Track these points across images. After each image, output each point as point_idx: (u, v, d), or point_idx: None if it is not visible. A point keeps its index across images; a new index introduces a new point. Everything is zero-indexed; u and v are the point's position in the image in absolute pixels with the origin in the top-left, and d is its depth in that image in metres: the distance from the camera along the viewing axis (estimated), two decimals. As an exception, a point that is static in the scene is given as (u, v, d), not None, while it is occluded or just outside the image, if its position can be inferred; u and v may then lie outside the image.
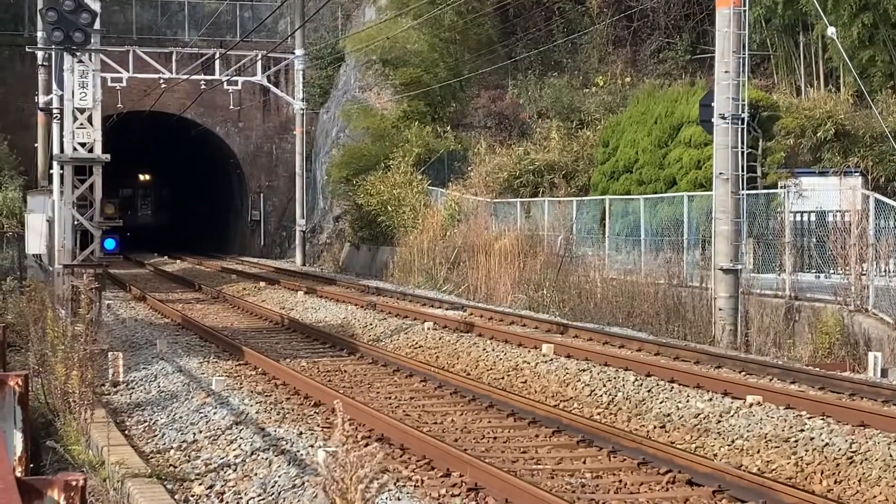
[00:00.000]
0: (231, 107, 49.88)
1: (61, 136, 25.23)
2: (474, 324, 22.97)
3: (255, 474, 11.68)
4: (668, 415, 14.82)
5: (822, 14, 28.75)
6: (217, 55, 44.43)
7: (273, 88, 50.65)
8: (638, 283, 26.13)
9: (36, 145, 46.74)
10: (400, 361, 19.33)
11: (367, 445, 12.52)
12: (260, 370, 18.40)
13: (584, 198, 34.79)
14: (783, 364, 18.50)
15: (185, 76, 43.99)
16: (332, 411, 13.35)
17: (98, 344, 17.53)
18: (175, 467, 12.45)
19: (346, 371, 19.03)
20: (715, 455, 13.06)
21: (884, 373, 18.01)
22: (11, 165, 43.53)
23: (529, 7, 46.67)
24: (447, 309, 26.94)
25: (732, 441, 13.42)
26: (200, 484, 11.64)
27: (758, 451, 12.96)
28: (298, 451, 12.21)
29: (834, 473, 12.05)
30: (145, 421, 14.96)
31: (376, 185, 40.61)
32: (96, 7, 21.43)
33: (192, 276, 42.78)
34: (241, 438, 13.15)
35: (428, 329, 23.13)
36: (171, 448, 13.33)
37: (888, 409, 14.03)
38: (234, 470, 12.02)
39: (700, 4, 42.53)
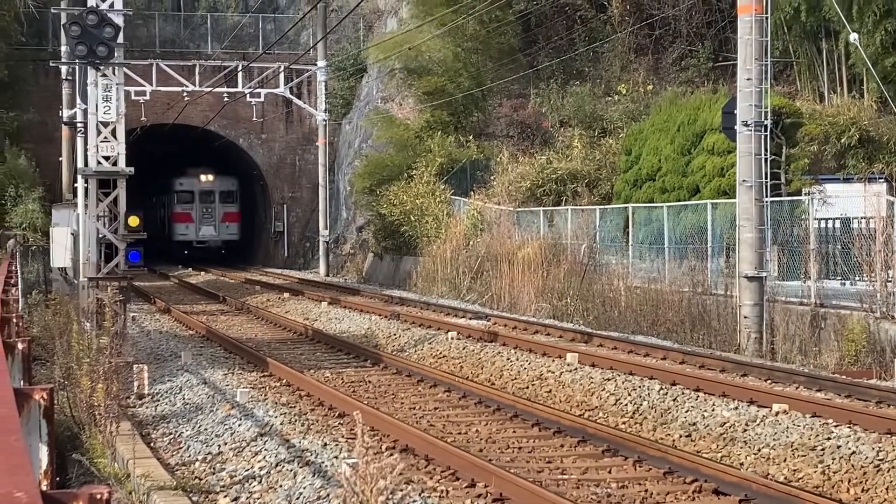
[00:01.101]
0: (254, 118, 49.99)
1: (85, 150, 25.37)
2: (498, 333, 22.95)
3: (280, 486, 11.68)
4: (694, 423, 14.76)
5: (844, 21, 28.66)
6: (240, 67, 44.58)
7: (295, 100, 50.77)
8: (662, 292, 26.06)
9: (60, 159, 46.99)
10: (424, 371, 19.32)
11: (390, 456, 12.54)
12: (284, 381, 18.41)
13: (607, 206, 34.75)
14: (809, 372, 18.40)
15: (209, 89, 44.14)
16: (356, 422, 13.34)
17: (123, 356, 17.59)
18: (200, 479, 12.47)
19: (370, 382, 19.03)
20: (741, 464, 13.00)
21: (911, 380, 17.90)
22: (31, 178, 43.75)
23: (551, 16, 46.67)
24: (471, 318, 26.93)
25: (759, 450, 13.36)
26: (226, 496, 11.65)
27: (784, 460, 12.90)
28: (323, 463, 12.21)
29: (861, 482, 11.98)
30: (170, 433, 14.99)
31: (399, 195, 40.65)
32: (119, 21, 21.52)
33: (216, 287, 42.89)
34: (265, 450, 13.17)
35: (452, 339, 23.12)
36: (197, 460, 13.36)
37: (915, 417, 13.93)
38: (259, 482, 12.03)
39: (722, 12, 42.45)
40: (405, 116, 46.91)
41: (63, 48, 37.62)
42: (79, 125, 32.44)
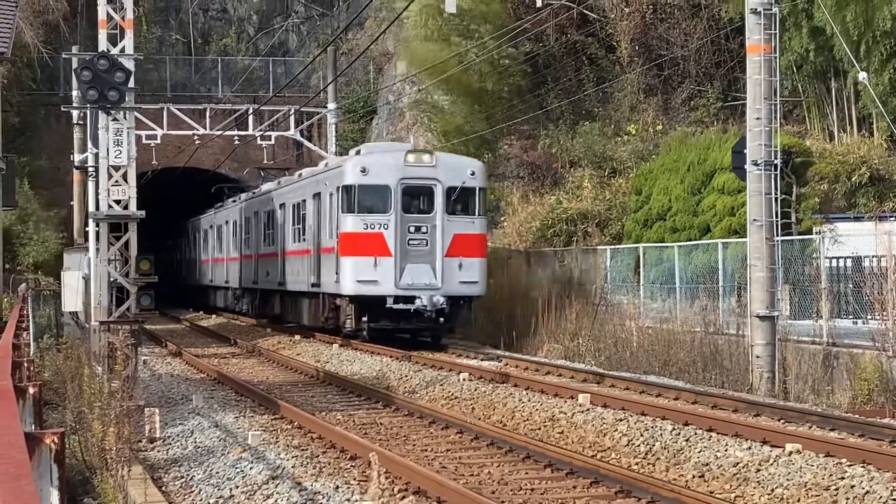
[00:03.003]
0: (265, 161, 50.15)
1: (97, 194, 25.45)
2: (510, 374, 22.90)
3: (292, 529, 11.63)
4: (707, 464, 14.69)
5: (854, 60, 28.71)
6: (250, 111, 44.75)
7: (306, 142, 50.87)
8: (674, 332, 26.02)
9: (72, 203, 47.17)
10: (436, 413, 19.27)
11: (403, 499, 12.49)
12: (296, 424, 18.37)
13: (617, 246, 34.74)
14: (822, 411, 18.32)
15: (219, 132, 44.31)
16: (369, 464, 13.31)
17: (134, 400, 17.62)
18: (212, 523, 12.42)
19: (382, 424, 18.98)
20: (755, 504, 12.94)
21: (925, 419, 17.81)
22: (41, 219, 43.97)
23: (560, 57, 46.83)
24: (482, 360, 26.88)
25: (772, 490, 13.29)
26: (237, 539, 11.61)
27: (798, 500, 12.83)
28: (335, 506, 12.15)
29: (876, 522, 11.90)
30: (182, 477, 14.95)
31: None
32: (130, 66, 21.65)
33: (228, 330, 42.87)
34: (277, 493, 13.12)
35: (463, 380, 23.07)
36: (208, 504, 13.32)
37: (930, 456, 13.85)
38: (271, 525, 11.97)
39: (730, 52, 42.58)
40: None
41: (74, 93, 37.86)
42: (90, 169, 32.58)
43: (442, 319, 29.37)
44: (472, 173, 30.30)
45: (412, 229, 29.58)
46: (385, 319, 29.73)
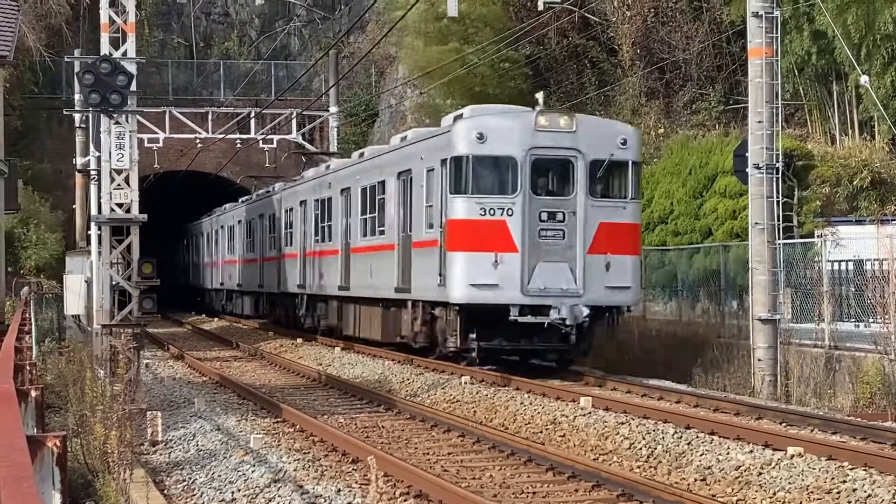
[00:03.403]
0: (267, 164, 50.19)
1: (99, 197, 25.46)
2: (511, 377, 22.89)
3: (294, 532, 11.63)
4: (709, 467, 14.69)
5: (855, 63, 28.72)
6: (252, 114, 44.77)
7: (308, 145, 50.98)
8: (676, 335, 26.01)
9: (74, 206, 47.21)
10: (437, 416, 19.27)
11: (405, 502, 12.49)
12: (298, 427, 18.38)
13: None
14: (824, 415, 18.33)
15: (221, 135, 44.33)
16: (370, 468, 13.31)
17: (136, 403, 17.64)
18: (214, 526, 12.43)
19: (383, 427, 18.98)
20: (756, 508, 12.94)
21: (926, 422, 17.82)
22: (43, 222, 44.01)
23: (561, 60, 46.85)
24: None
25: (774, 493, 13.29)
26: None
27: (800, 503, 12.83)
28: (337, 509, 12.16)
29: (878, 525, 11.89)
30: (184, 480, 14.96)
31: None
32: (132, 69, 21.66)
33: (230, 333, 42.89)
34: (279, 496, 13.13)
35: (465, 383, 23.06)
36: (210, 507, 13.32)
37: (932, 459, 13.86)
38: (273, 528, 11.98)
39: (732, 55, 42.58)
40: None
41: (76, 96, 37.90)
42: (92, 172, 32.60)
43: (574, 337, 22.89)
44: (624, 142, 23.50)
45: (544, 216, 22.92)
46: (503, 336, 23.35)
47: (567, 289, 22.68)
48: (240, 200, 50.74)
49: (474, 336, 23.34)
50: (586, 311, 22.34)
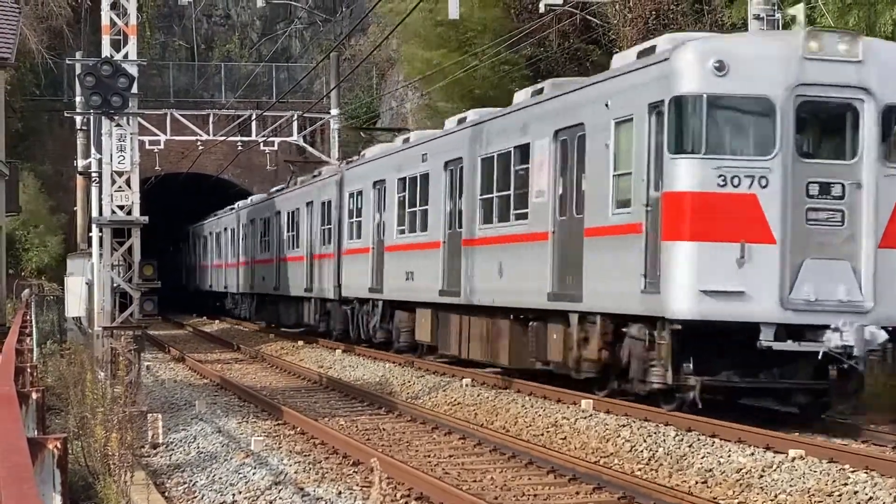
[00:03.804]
0: (268, 167, 50.24)
1: (100, 199, 25.46)
2: (513, 380, 22.89)
3: (295, 535, 11.62)
4: (710, 470, 14.68)
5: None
6: (253, 116, 44.83)
7: (309, 148, 51.00)
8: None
9: (75, 209, 47.25)
10: (439, 419, 19.27)
11: (406, 504, 12.48)
12: (299, 429, 18.38)
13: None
14: (825, 417, 18.30)
15: (222, 138, 44.37)
16: (371, 470, 13.31)
17: (137, 406, 17.62)
18: (214, 529, 12.42)
19: (384, 429, 18.98)
20: (758, 510, 12.92)
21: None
22: (48, 223, 44.09)
23: (562, 63, 46.84)
24: (485, 365, 26.80)
25: (775, 496, 13.28)
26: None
27: (801, 506, 12.82)
28: (338, 511, 12.15)
29: (879, 528, 11.88)
30: (185, 482, 14.96)
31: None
32: (134, 71, 21.67)
33: (231, 336, 42.90)
34: (280, 499, 13.13)
35: (466, 386, 23.06)
36: (211, 509, 13.31)
37: (933, 462, 13.83)
38: (274, 531, 11.97)
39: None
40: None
41: (77, 99, 37.90)
42: (93, 175, 32.63)
43: (835, 371, 16.55)
44: None
45: (814, 190, 16.12)
46: (743, 368, 16.52)
47: (848, 300, 15.99)
48: (272, 190, 45.85)
49: (690, 367, 16.52)
50: (883, 336, 15.71)
